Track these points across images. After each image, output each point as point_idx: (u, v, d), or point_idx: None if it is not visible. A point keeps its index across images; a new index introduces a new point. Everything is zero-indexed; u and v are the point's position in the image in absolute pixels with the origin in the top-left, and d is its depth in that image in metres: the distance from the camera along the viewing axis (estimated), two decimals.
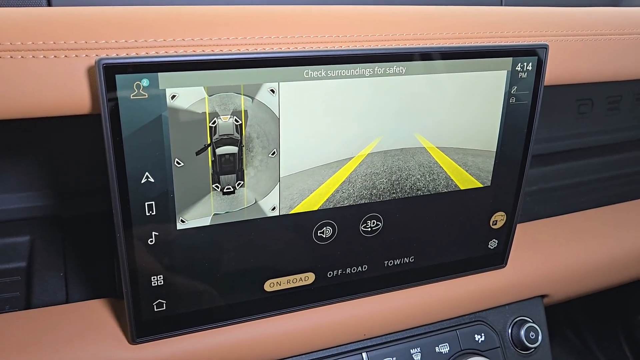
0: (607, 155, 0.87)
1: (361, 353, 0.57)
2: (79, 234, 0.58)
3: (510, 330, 0.63)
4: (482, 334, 0.61)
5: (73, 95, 0.39)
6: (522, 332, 0.63)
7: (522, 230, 0.66)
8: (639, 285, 1.38)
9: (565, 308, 1.57)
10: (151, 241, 0.44)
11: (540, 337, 0.63)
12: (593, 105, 0.81)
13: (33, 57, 0.37)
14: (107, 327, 0.48)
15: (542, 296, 0.66)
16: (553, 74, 0.55)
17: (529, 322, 0.63)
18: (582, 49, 0.56)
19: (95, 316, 0.49)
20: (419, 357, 0.58)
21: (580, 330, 1.58)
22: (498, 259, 0.61)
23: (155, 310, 0.47)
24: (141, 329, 0.47)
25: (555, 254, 0.65)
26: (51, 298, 0.53)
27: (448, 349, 0.60)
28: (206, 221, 0.45)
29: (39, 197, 0.58)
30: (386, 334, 0.58)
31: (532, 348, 0.63)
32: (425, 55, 0.47)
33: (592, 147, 0.85)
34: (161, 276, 0.46)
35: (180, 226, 0.44)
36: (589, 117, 0.83)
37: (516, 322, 0.64)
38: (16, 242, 0.56)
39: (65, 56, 0.38)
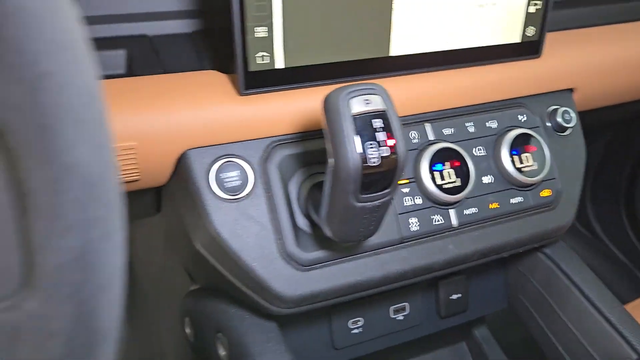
0: None
1: (423, 123, 0.66)
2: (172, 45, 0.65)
3: (547, 115, 0.72)
4: (524, 115, 0.70)
5: None
6: (558, 115, 0.72)
7: (554, 35, 0.75)
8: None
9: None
10: None
11: (574, 119, 0.72)
12: None
13: None
14: (216, 85, 0.57)
15: (571, 90, 0.75)
16: None
17: (564, 107, 0.72)
18: None
19: (203, 80, 0.57)
20: (473, 129, 0.67)
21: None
22: (534, 48, 0.69)
23: (260, 62, 0.55)
24: (249, 79, 0.55)
25: (584, 51, 0.74)
26: None
27: (496, 124, 0.69)
28: None
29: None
30: (443, 110, 0.67)
31: (568, 128, 0.72)
32: None
33: None
34: (265, 28, 0.54)
35: None
36: None
37: (552, 108, 0.72)
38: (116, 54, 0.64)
39: None
